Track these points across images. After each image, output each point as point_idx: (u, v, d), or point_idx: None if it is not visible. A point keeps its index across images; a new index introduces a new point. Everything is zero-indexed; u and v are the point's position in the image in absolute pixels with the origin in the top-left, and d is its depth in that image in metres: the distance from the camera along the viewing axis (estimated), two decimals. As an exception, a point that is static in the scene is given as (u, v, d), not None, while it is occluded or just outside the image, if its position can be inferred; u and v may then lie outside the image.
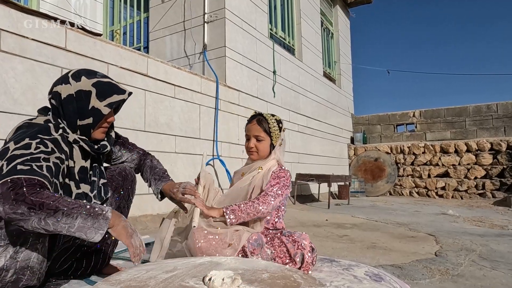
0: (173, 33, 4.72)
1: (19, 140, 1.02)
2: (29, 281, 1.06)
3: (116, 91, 1.21)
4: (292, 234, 1.39)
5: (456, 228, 3.12)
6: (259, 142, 1.54)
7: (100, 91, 1.18)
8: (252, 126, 1.56)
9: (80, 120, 1.17)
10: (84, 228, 0.96)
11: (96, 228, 0.97)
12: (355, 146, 8.01)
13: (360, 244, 2.34)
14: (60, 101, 1.17)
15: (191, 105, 3.55)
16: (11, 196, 0.90)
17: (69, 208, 0.95)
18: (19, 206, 0.90)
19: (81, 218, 0.96)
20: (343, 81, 8.26)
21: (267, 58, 5.07)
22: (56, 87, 1.18)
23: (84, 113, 1.17)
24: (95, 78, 1.19)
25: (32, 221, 0.91)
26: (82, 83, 1.17)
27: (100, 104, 1.18)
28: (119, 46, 2.86)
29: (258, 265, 1.12)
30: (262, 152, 1.55)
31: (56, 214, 0.93)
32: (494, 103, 7.10)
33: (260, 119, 1.56)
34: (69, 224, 0.94)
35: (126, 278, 0.96)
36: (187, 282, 0.94)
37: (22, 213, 0.90)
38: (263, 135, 1.54)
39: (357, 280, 1.30)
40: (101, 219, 0.99)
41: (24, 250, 1.04)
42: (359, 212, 4.32)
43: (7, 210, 0.89)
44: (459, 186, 6.56)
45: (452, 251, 2.16)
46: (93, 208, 0.99)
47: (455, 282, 1.57)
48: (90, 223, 0.97)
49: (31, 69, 2.23)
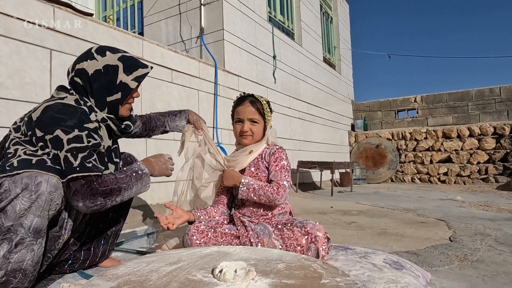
0: (168, 17, 4.53)
1: (68, 130, 1.03)
2: (19, 284, 0.96)
3: (140, 65, 1.22)
4: (304, 225, 1.25)
5: (464, 213, 3.03)
6: (254, 124, 1.42)
7: (127, 65, 1.17)
8: (246, 109, 1.42)
9: (108, 96, 1.16)
10: (139, 190, 1.17)
11: (145, 185, 1.18)
12: (356, 133, 7.90)
13: (370, 231, 2.24)
14: (87, 77, 1.14)
15: (189, 90, 3.41)
16: (88, 192, 1.02)
17: (126, 183, 1.11)
18: (97, 198, 1.03)
19: (134, 186, 1.14)
20: (343, 67, 8.10)
21: (267, 42, 4.90)
22: (79, 64, 1.15)
23: (112, 88, 1.16)
24: (120, 53, 1.19)
25: (108, 204, 1.07)
26: (108, 58, 1.15)
27: (127, 78, 1.17)
28: (112, 27, 2.70)
29: (271, 255, 1.01)
30: (257, 135, 1.44)
31: (121, 193, 1.10)
32: (497, 87, 6.98)
33: (253, 100, 1.43)
34: (129, 193, 1.13)
35: (124, 272, 0.85)
36: (194, 275, 0.83)
37: (101, 203, 1.05)
38: (257, 117, 1.42)
39: (376, 268, 1.20)
40: (144, 178, 1.18)
41: (19, 251, 0.94)
42: (363, 199, 4.23)
43: (89, 204, 1.03)
44: (461, 172, 6.49)
45: (466, 236, 2.07)
46: (136, 172, 1.16)
47: (476, 268, 1.47)
48: (140, 185, 1.16)
49: (17, 51, 2.08)
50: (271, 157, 1.41)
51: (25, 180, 0.94)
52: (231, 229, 1.37)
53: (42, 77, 2.20)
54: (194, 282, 0.79)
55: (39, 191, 0.95)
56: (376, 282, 1.07)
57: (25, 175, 0.95)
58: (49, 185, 0.97)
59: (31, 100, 2.13)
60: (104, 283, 0.78)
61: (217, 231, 1.35)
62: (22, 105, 2.08)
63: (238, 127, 1.45)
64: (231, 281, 0.78)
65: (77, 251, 1.29)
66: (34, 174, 0.95)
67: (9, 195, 0.92)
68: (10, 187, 0.93)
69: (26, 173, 0.95)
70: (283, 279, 0.81)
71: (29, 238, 0.95)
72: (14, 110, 2.04)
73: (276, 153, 1.42)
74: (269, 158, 1.41)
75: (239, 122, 1.44)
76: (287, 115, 5.31)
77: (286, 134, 5.23)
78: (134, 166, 1.17)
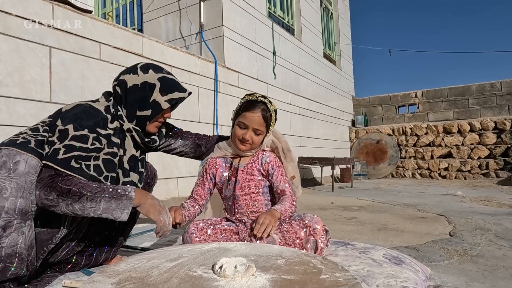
0: (167, 14, 4.52)
1: (78, 128, 1.05)
2: (18, 269, 0.96)
3: (178, 89, 1.25)
4: (303, 218, 1.27)
5: (465, 208, 3.03)
6: (257, 135, 1.34)
7: (164, 86, 1.21)
8: (256, 118, 1.31)
9: (139, 111, 1.20)
10: (109, 209, 1.00)
11: (121, 209, 1.01)
12: (357, 128, 7.89)
13: (370, 226, 2.25)
14: (125, 89, 1.20)
15: (189, 87, 3.40)
16: (48, 183, 0.97)
17: (92, 193, 0.99)
18: (51, 192, 0.97)
19: (104, 201, 1.00)
20: (343, 62, 8.07)
21: (267, 39, 4.88)
22: (123, 76, 1.22)
23: (144, 104, 1.20)
24: (161, 73, 1.23)
25: (61, 206, 0.98)
26: (149, 76, 1.21)
27: (161, 98, 1.20)
28: (111, 24, 2.70)
29: (271, 250, 1.02)
30: (255, 145, 1.36)
31: (81, 200, 0.98)
32: (498, 81, 6.95)
33: (265, 109, 1.33)
34: (94, 207, 0.99)
35: (125, 269, 0.86)
36: (194, 271, 0.84)
37: (52, 199, 0.97)
38: (263, 129, 1.34)
39: (376, 263, 1.20)
40: (124, 200, 1.02)
41: (9, 235, 0.93)
42: (364, 194, 4.24)
43: (42, 195, 0.97)
44: (462, 167, 6.49)
45: (466, 231, 2.08)
46: (116, 190, 1.03)
47: (476, 263, 1.48)
48: (114, 205, 1.01)
49: (17, 48, 2.07)
50: (267, 165, 1.37)
51: (4, 159, 0.97)
52: (230, 225, 1.37)
53: (42, 75, 2.20)
54: (195, 278, 0.79)
55: (17, 170, 0.97)
56: (375, 277, 1.08)
57: (5, 153, 0.97)
58: (28, 165, 0.98)
59: (31, 97, 2.13)
60: (105, 280, 0.78)
61: (216, 228, 1.35)
62: (22, 102, 2.09)
63: (240, 132, 1.33)
64: (231, 277, 0.78)
65: (78, 255, 1.28)
66: (13, 153, 0.98)
67: None
68: None
69: (6, 151, 0.98)
70: (282, 275, 0.81)
71: (16, 220, 0.95)
72: (14, 108, 2.05)
73: (272, 161, 1.38)
74: (266, 167, 1.37)
75: (243, 128, 1.33)
76: (287, 111, 5.30)
77: (287, 130, 5.23)
78: (121, 186, 1.07)
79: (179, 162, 3.21)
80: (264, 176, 1.39)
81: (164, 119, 1.28)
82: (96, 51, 2.55)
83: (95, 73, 2.52)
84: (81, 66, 2.43)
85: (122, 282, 0.77)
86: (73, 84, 2.37)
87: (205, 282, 0.77)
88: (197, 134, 1.54)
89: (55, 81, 2.26)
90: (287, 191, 1.34)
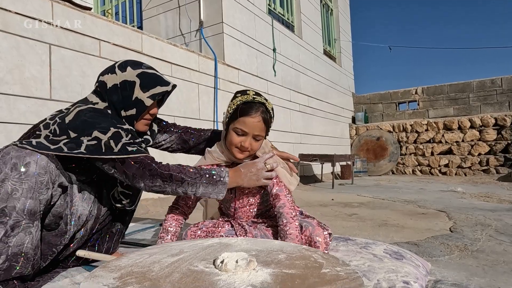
0: (167, 11, 4.51)
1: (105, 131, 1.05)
2: (23, 268, 0.96)
3: (160, 83, 1.21)
4: (304, 229, 1.18)
5: (465, 204, 3.04)
6: (257, 141, 1.21)
7: (144, 82, 1.17)
8: (256, 123, 1.18)
9: (124, 111, 1.17)
10: (206, 193, 1.09)
11: (217, 193, 1.10)
12: (357, 125, 7.89)
13: (371, 222, 2.25)
14: (105, 90, 1.17)
15: (189, 84, 3.40)
16: (146, 173, 1.03)
17: (192, 178, 1.07)
18: (156, 179, 1.04)
19: (202, 187, 1.08)
20: (343, 59, 8.06)
21: (266, 35, 4.87)
22: (102, 76, 1.19)
23: (128, 103, 1.17)
24: (140, 69, 1.19)
25: (168, 191, 1.06)
26: (128, 73, 1.17)
27: (143, 95, 1.17)
28: (110, 21, 2.69)
29: (272, 246, 1.02)
30: (254, 152, 1.24)
31: (183, 184, 1.06)
32: (499, 78, 6.94)
33: (264, 111, 1.20)
34: (194, 191, 1.08)
35: (127, 264, 0.86)
36: (195, 266, 0.84)
37: (160, 186, 1.05)
38: (263, 134, 1.22)
39: (377, 258, 1.20)
40: (220, 185, 1.09)
41: (16, 234, 0.93)
42: (364, 191, 4.25)
43: (149, 184, 1.04)
44: (462, 163, 6.49)
45: (467, 226, 2.08)
46: (211, 176, 1.09)
47: (476, 258, 1.48)
48: (210, 189, 1.09)
49: (16, 46, 2.07)
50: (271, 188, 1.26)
51: (14, 160, 0.95)
52: (229, 234, 1.31)
53: (42, 72, 2.19)
54: (196, 273, 0.79)
55: (28, 171, 0.95)
56: (376, 272, 1.08)
57: (15, 155, 0.95)
58: (38, 166, 0.97)
59: (31, 95, 2.13)
60: (107, 274, 0.79)
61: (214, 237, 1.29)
62: (23, 100, 2.09)
63: (238, 139, 1.19)
64: (233, 271, 0.78)
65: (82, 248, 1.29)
66: (23, 155, 0.96)
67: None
68: (1, 168, 0.93)
69: (16, 154, 0.95)
70: (284, 269, 0.81)
71: (24, 220, 0.94)
72: (14, 105, 2.05)
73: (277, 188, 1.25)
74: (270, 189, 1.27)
75: (241, 135, 1.20)
76: (287, 108, 5.30)
77: (287, 127, 5.23)
78: (215, 169, 1.12)
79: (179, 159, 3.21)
80: None
81: (151, 116, 1.24)
82: (96, 48, 2.54)
83: (95, 70, 2.52)
84: (81, 63, 2.43)
85: (124, 276, 0.77)
86: (73, 81, 2.37)
87: (206, 277, 0.77)
88: (185, 128, 1.46)
89: (55, 78, 2.26)
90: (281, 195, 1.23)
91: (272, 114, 1.24)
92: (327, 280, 0.75)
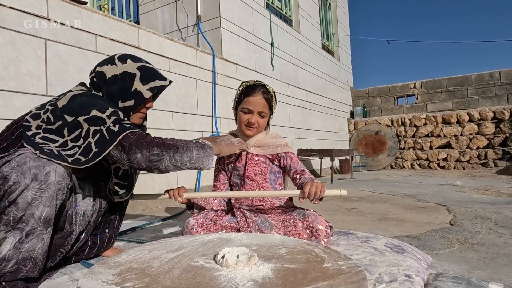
0: (164, 5, 4.46)
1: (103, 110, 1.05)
2: (29, 272, 0.98)
3: (158, 77, 1.23)
4: (306, 216, 1.25)
5: (464, 197, 3.04)
6: (262, 118, 1.39)
7: (144, 74, 1.19)
8: (258, 101, 1.36)
9: (121, 102, 1.18)
10: (200, 158, 1.10)
11: (207, 156, 1.12)
12: (355, 120, 7.88)
13: (371, 216, 2.25)
14: (104, 80, 1.17)
15: (187, 80, 3.38)
16: (143, 142, 1.03)
17: (184, 144, 1.09)
18: (153, 147, 1.03)
19: (195, 150, 1.10)
20: (341, 53, 8.02)
21: (264, 30, 4.84)
22: (100, 67, 1.20)
23: (126, 94, 1.17)
24: (140, 62, 1.21)
25: (165, 160, 1.05)
26: (128, 65, 1.19)
27: (143, 87, 1.18)
28: (107, 15, 2.66)
29: (273, 240, 1.01)
30: (262, 128, 1.41)
31: (179, 150, 1.07)
32: (497, 71, 6.93)
33: (265, 91, 1.38)
34: (190, 157, 1.08)
35: (126, 260, 0.85)
36: (196, 261, 0.83)
37: (158, 153, 1.04)
38: (266, 111, 1.39)
39: (378, 252, 1.20)
40: (207, 148, 1.13)
41: (30, 241, 0.95)
42: (363, 185, 4.25)
43: (146, 153, 1.02)
44: (461, 157, 6.50)
45: (466, 219, 2.08)
46: (197, 141, 1.15)
47: (477, 251, 1.48)
48: (202, 152, 1.11)
49: (12, 41, 2.04)
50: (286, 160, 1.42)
51: (34, 171, 0.94)
52: (231, 221, 1.35)
53: (38, 68, 2.17)
54: (196, 268, 0.78)
55: (48, 181, 0.96)
56: (377, 266, 1.08)
57: (33, 165, 0.95)
58: (57, 174, 0.98)
59: (27, 91, 2.11)
60: (106, 271, 0.78)
61: (217, 224, 1.33)
62: (19, 96, 2.06)
63: (246, 116, 1.38)
64: (233, 266, 0.78)
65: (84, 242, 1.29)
66: (42, 164, 0.96)
67: (18, 186, 0.92)
68: (19, 178, 0.93)
69: (34, 163, 0.95)
70: (285, 264, 0.81)
71: (39, 227, 0.96)
72: (10, 102, 2.02)
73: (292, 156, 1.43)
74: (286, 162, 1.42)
75: (248, 113, 1.38)
76: (286, 103, 5.28)
77: (285, 122, 5.21)
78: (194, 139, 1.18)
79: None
80: (271, 161, 1.43)
81: (146, 109, 1.27)
82: (93, 43, 2.51)
83: (92, 66, 2.48)
84: (77, 58, 2.40)
85: (123, 273, 0.76)
86: (70, 77, 2.34)
87: (207, 272, 0.76)
88: None
89: (52, 74, 2.24)
90: (307, 172, 1.38)
91: (273, 95, 1.41)
92: (329, 275, 0.75)
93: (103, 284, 0.69)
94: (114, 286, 0.69)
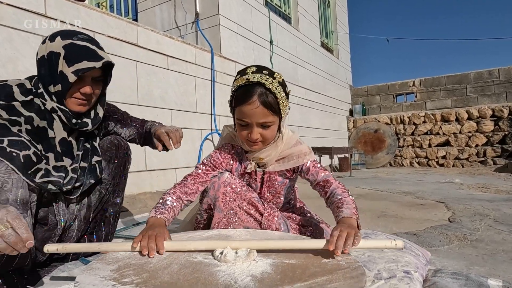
0: (162, 3, 4.45)
1: None
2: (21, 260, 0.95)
3: (88, 57, 1.03)
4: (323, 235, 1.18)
5: (463, 194, 3.04)
6: (267, 128, 1.05)
7: (69, 54, 1.01)
8: (255, 111, 1.00)
9: (53, 86, 1.04)
10: None
11: None
12: (354, 118, 7.88)
13: (370, 213, 2.25)
14: (36, 63, 1.07)
15: (186, 77, 3.37)
16: None
17: None
18: None
19: None
20: (341, 51, 8.02)
21: (263, 27, 4.83)
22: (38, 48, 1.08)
23: (54, 78, 1.03)
24: (70, 40, 1.03)
25: None
26: (55, 44, 1.02)
27: (68, 69, 1.01)
28: (105, 13, 2.65)
29: (272, 236, 1.01)
30: (270, 139, 1.09)
31: None
32: (496, 69, 6.93)
33: (263, 93, 1.00)
34: None
35: (124, 256, 0.85)
36: (194, 257, 0.83)
37: None
38: (271, 119, 1.03)
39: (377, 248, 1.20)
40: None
41: None
42: (362, 183, 4.25)
43: None
44: (460, 155, 6.51)
45: (465, 216, 2.08)
46: None
47: (475, 247, 1.48)
48: None
49: (9, 38, 2.03)
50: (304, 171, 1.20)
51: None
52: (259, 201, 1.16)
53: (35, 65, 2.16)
54: (195, 264, 0.78)
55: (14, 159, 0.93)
56: (376, 262, 1.08)
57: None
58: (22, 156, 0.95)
59: (25, 88, 2.10)
60: (104, 267, 0.77)
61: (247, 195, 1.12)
62: (16, 94, 2.05)
63: (244, 132, 1.06)
64: (232, 262, 0.77)
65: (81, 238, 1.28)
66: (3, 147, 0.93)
67: None
68: None
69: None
70: (284, 259, 0.81)
71: (19, 211, 0.93)
72: (8, 99, 2.01)
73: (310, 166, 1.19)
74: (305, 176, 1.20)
75: (244, 126, 1.05)
76: (285, 101, 5.27)
77: (285, 120, 5.21)
78: None
79: (177, 153, 3.19)
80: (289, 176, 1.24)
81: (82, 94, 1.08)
82: (91, 41, 2.50)
83: (90, 63, 2.48)
84: (75, 56, 2.39)
85: (121, 268, 0.76)
86: (67, 74, 2.33)
87: (205, 268, 0.76)
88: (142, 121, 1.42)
89: (50, 72, 2.23)
90: (331, 179, 1.14)
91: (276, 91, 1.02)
92: (328, 270, 0.75)
93: (101, 280, 0.69)
94: (112, 281, 0.68)
